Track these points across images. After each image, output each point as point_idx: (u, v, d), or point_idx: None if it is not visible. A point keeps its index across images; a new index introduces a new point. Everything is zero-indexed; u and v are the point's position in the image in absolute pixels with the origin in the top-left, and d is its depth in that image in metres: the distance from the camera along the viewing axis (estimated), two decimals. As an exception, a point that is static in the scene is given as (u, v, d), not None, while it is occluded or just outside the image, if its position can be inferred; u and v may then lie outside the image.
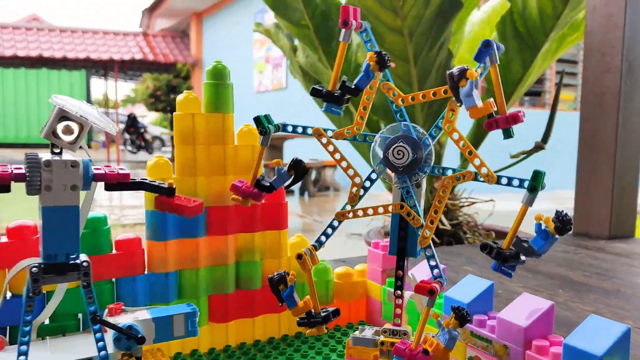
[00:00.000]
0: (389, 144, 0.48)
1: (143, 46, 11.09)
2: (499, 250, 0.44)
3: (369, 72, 0.48)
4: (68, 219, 0.44)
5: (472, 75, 0.43)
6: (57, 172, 0.42)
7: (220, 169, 0.60)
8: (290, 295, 0.49)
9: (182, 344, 0.61)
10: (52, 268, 0.44)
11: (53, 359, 0.48)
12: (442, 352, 0.45)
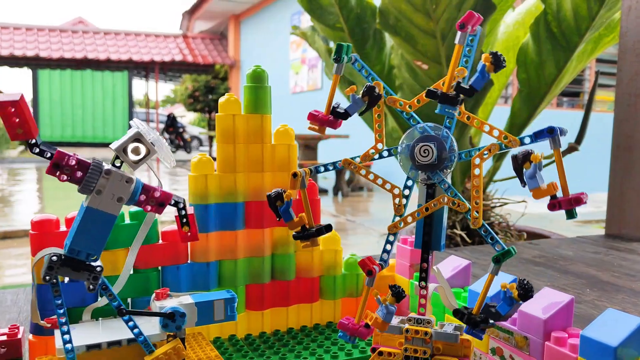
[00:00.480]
0: (412, 149, 0.51)
1: (183, 48, 11.35)
2: (469, 316, 0.48)
3: (484, 73, 0.48)
4: (104, 224, 0.48)
5: (536, 158, 0.46)
6: (112, 182, 0.47)
7: (258, 166, 0.65)
8: (286, 211, 0.51)
9: (220, 329, 0.66)
10: (69, 262, 0.48)
11: (103, 337, 0.53)
12: (381, 325, 0.50)
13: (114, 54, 10.38)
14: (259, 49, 10.09)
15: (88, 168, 0.46)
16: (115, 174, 0.47)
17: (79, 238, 0.47)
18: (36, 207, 5.22)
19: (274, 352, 0.61)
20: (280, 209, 0.51)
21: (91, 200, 0.47)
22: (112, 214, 0.48)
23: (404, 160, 0.52)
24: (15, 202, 5.45)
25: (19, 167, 8.69)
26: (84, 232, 0.47)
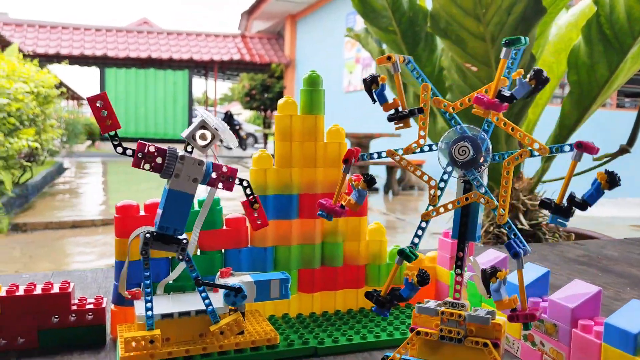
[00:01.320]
0: (451, 146, 0.56)
1: (241, 47, 11.64)
2: (377, 298, 0.57)
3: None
4: (184, 202, 0.57)
5: (501, 275, 0.53)
6: (187, 166, 0.55)
7: (312, 162, 0.71)
8: (382, 93, 0.55)
9: (275, 308, 0.73)
10: (160, 237, 0.57)
11: (175, 308, 0.61)
12: (354, 206, 0.57)
13: (175, 54, 10.79)
14: (313, 48, 10.21)
15: (165, 154, 0.54)
16: (188, 158, 0.55)
17: (166, 216, 0.56)
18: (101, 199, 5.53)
19: (322, 330, 0.68)
20: (375, 92, 0.55)
21: (171, 183, 0.55)
22: (190, 193, 0.56)
23: (442, 156, 0.57)
24: (83, 194, 5.78)
25: (86, 160, 9.19)
26: (169, 211, 0.56)
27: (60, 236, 3.60)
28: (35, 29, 10.61)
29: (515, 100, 0.54)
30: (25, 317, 0.61)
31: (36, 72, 4.86)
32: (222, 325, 0.60)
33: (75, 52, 10.24)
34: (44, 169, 6.15)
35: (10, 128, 4.12)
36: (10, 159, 4.27)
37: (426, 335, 0.59)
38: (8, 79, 4.03)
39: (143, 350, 0.57)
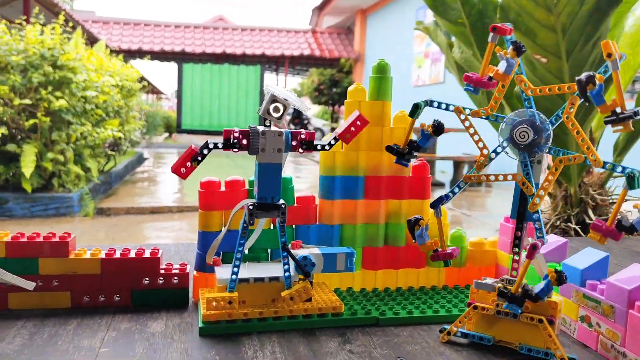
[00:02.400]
0: (515, 125, 0.59)
1: (311, 42, 11.78)
2: (397, 150, 0.64)
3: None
4: (275, 172, 0.63)
5: (423, 223, 0.62)
6: (269, 139, 0.61)
7: (378, 146, 0.76)
8: (599, 94, 0.55)
9: (340, 282, 0.78)
10: (261, 206, 0.63)
11: (251, 274, 0.68)
12: (502, 77, 0.59)
13: (248, 49, 11.09)
14: (383, 42, 10.16)
15: (248, 134, 0.61)
16: (269, 132, 0.61)
17: (262, 187, 0.63)
18: (176, 187, 5.81)
19: (384, 304, 0.72)
20: (591, 93, 0.55)
21: (259, 157, 0.62)
22: (277, 162, 0.62)
23: (504, 130, 0.60)
24: (160, 182, 6.10)
25: (163, 151, 9.64)
26: (263, 182, 0.63)
27: (140, 221, 3.84)
28: (120, 26, 11.25)
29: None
30: (120, 277, 0.70)
31: (121, 67, 5.17)
32: (292, 292, 0.66)
33: (155, 48, 10.77)
34: (126, 159, 6.53)
35: (97, 119, 4.42)
36: (97, 147, 4.58)
37: (483, 310, 0.62)
38: (97, 73, 4.32)
39: (222, 309, 0.64)
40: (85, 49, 4.51)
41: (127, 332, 0.63)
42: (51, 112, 3.85)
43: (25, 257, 0.67)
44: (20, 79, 3.71)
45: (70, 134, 4.01)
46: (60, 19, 4.19)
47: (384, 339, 0.64)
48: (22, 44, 3.85)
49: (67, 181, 4.15)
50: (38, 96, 3.78)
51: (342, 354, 0.60)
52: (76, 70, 3.98)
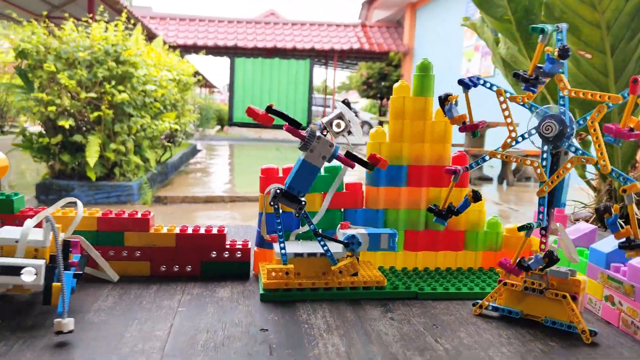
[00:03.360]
0: (544, 118, 0.65)
1: (360, 36, 11.80)
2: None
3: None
4: (312, 172, 0.72)
5: (452, 98, 0.69)
6: (321, 145, 0.70)
7: (420, 138, 0.83)
8: (614, 223, 0.58)
9: (383, 260, 0.86)
10: (287, 195, 0.72)
11: (304, 250, 0.76)
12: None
13: (299, 43, 11.23)
14: (432, 36, 10.07)
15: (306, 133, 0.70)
16: (323, 139, 0.70)
17: (295, 180, 0.71)
18: (227, 178, 6.00)
19: (423, 281, 0.80)
20: (608, 221, 0.59)
21: (307, 155, 0.71)
22: (318, 166, 0.71)
23: (534, 120, 0.66)
24: (212, 174, 6.31)
25: (215, 143, 9.93)
26: (298, 176, 0.71)
27: (195, 209, 4.02)
28: (176, 22, 11.62)
29: None
30: (192, 250, 0.81)
31: (178, 62, 5.39)
32: (340, 266, 0.75)
33: (209, 43, 11.07)
34: (181, 150, 6.78)
35: (156, 111, 4.64)
36: (155, 139, 4.81)
37: (512, 286, 0.69)
38: (155, 68, 4.53)
39: (280, 279, 0.73)
40: (145, 44, 4.73)
41: (199, 296, 0.73)
42: (114, 105, 4.08)
43: (113, 230, 0.79)
44: (87, 73, 3.95)
45: (131, 125, 4.23)
46: (123, 16, 4.42)
47: (422, 310, 0.72)
48: (88, 40, 4.09)
49: (128, 170, 4.39)
50: (102, 90, 4.01)
51: (384, 320, 0.68)
52: (137, 65, 4.19)
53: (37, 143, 4.11)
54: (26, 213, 0.78)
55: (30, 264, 0.58)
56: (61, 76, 3.84)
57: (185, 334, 0.61)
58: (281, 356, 0.57)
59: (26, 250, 0.60)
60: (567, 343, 0.63)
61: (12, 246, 0.60)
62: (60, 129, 4.07)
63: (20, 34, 3.95)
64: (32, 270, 0.57)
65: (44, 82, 4.00)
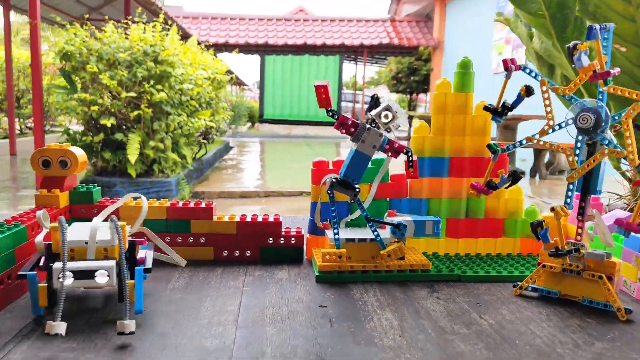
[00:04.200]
0: (582, 110, 0.70)
1: (390, 31, 11.77)
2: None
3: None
4: (364, 161, 0.78)
5: (581, 46, 0.69)
6: (372, 135, 0.76)
7: (461, 131, 0.89)
8: (545, 235, 0.73)
9: (427, 246, 0.92)
10: (341, 183, 0.78)
11: (355, 235, 0.83)
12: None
13: (328, 40, 11.29)
14: (462, 30, 9.98)
15: (357, 126, 0.76)
16: (373, 130, 0.76)
17: (349, 169, 0.78)
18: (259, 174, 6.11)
19: (465, 265, 0.86)
20: (540, 233, 0.73)
21: (358, 146, 0.77)
22: (369, 155, 0.77)
23: (572, 110, 0.71)
24: (245, 170, 6.43)
25: (247, 140, 10.09)
26: (352, 165, 0.78)
27: (231, 204, 4.13)
28: (208, 21, 11.82)
29: None
30: (251, 237, 0.88)
31: (212, 60, 5.51)
32: (388, 250, 0.81)
33: (240, 41, 11.23)
34: (215, 147, 6.93)
35: (192, 109, 4.77)
36: (191, 136, 4.95)
37: (550, 268, 0.75)
38: (192, 67, 4.66)
39: (334, 262, 0.80)
40: (180, 44, 4.85)
41: (261, 278, 0.81)
42: (153, 103, 4.22)
43: (180, 219, 0.87)
44: (127, 73, 4.10)
45: (169, 123, 4.36)
46: (161, 17, 4.55)
47: (465, 291, 0.78)
48: (127, 42, 4.24)
49: (166, 167, 4.54)
50: (142, 89, 4.15)
51: (431, 299, 0.74)
52: (174, 65, 4.32)
53: (81, 141, 4.29)
54: (103, 203, 0.86)
55: (102, 267, 0.59)
56: (103, 77, 3.99)
57: (253, 308, 0.69)
58: (341, 327, 0.63)
59: (96, 250, 0.61)
60: (603, 320, 0.68)
61: (83, 247, 0.61)
62: (102, 127, 4.23)
63: (64, 37, 4.12)
64: (105, 272, 0.59)
65: (86, 82, 4.16)
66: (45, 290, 0.59)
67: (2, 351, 0.55)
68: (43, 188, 0.81)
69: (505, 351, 0.59)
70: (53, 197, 0.80)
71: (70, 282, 0.57)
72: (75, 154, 0.83)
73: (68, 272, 0.56)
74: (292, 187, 4.62)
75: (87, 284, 0.58)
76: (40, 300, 0.59)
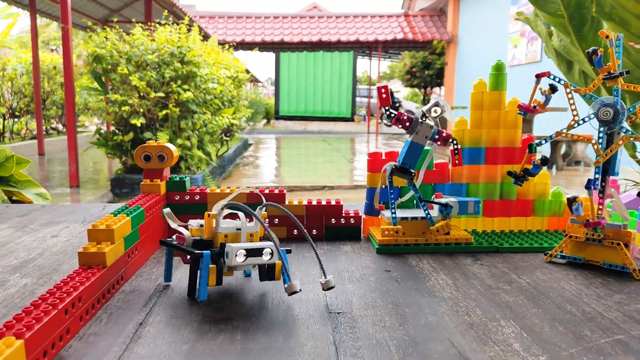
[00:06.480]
0: (603, 105, 0.84)
1: (404, 26, 11.86)
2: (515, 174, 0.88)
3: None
4: (418, 149, 0.93)
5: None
6: (424, 127, 0.91)
7: (495, 124, 1.03)
8: (578, 208, 0.86)
9: (466, 225, 1.07)
10: (399, 169, 0.93)
11: (408, 214, 0.98)
12: (542, 106, 0.82)
13: (343, 36, 11.41)
14: (476, 23, 10.04)
15: (412, 120, 0.91)
16: (425, 123, 0.91)
17: (406, 157, 0.93)
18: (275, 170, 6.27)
19: (501, 239, 1.00)
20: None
21: (413, 137, 0.92)
22: (423, 144, 0.92)
23: (592, 107, 0.85)
24: (262, 166, 6.60)
25: (263, 137, 10.27)
26: (408, 154, 0.93)
27: (257, 198, 4.29)
28: (224, 20, 12.02)
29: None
30: (317, 218, 1.03)
31: (232, 60, 5.68)
32: (437, 227, 0.96)
33: (256, 39, 11.41)
34: (235, 144, 7.10)
35: (216, 108, 4.94)
36: (214, 134, 5.12)
37: (576, 238, 0.89)
38: (216, 67, 4.82)
39: (391, 237, 0.95)
40: (203, 44, 5.02)
41: (329, 251, 0.96)
42: (180, 103, 4.40)
43: (258, 202, 1.02)
44: (155, 74, 4.28)
45: (195, 122, 4.54)
46: (186, 19, 4.72)
47: (503, 259, 0.92)
48: (154, 44, 4.42)
49: (192, 164, 4.71)
50: (169, 89, 4.33)
51: (475, 265, 0.89)
52: (200, 65, 4.49)
53: (112, 141, 4.48)
54: (193, 191, 1.02)
55: (267, 246, 0.65)
56: (133, 78, 4.17)
57: (331, 272, 0.84)
58: (406, 285, 0.78)
59: (246, 235, 0.69)
60: (621, 279, 0.82)
61: (237, 233, 0.69)
62: (132, 127, 4.41)
63: (95, 40, 4.31)
64: (269, 251, 0.66)
65: (116, 84, 4.35)
66: (214, 270, 0.66)
67: (147, 306, 0.70)
68: (146, 178, 0.97)
69: (542, 300, 0.73)
70: (155, 186, 0.96)
71: (242, 259, 0.64)
72: (171, 149, 0.98)
73: (242, 250, 0.65)
74: (314, 181, 4.78)
75: (255, 261, 0.65)
76: (210, 279, 0.65)
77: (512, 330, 0.63)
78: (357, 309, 0.69)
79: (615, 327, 0.64)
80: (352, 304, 0.71)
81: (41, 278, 0.79)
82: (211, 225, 0.68)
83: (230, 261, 0.63)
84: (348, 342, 0.59)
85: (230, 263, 0.64)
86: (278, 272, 0.71)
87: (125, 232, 0.76)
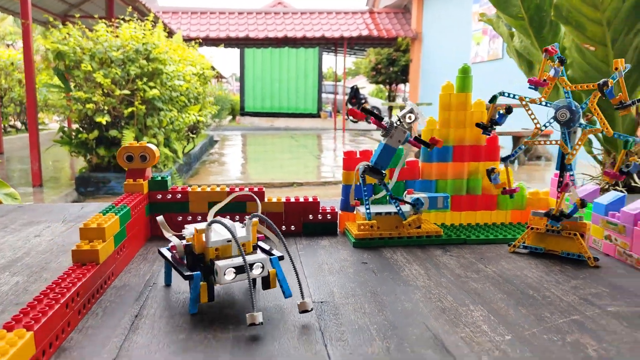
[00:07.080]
0: (558, 109, 0.91)
1: (369, 23, 11.97)
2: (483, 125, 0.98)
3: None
4: (390, 152, 0.98)
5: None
6: (397, 132, 0.96)
7: (462, 124, 1.10)
8: (495, 178, 0.94)
9: (436, 219, 1.13)
10: (372, 170, 0.98)
11: (382, 210, 1.03)
12: (552, 79, 0.90)
13: (308, 32, 11.44)
14: (440, 21, 10.23)
15: (387, 124, 0.96)
16: (399, 128, 0.96)
17: (379, 158, 0.98)
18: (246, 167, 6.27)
19: (469, 232, 1.07)
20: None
21: (387, 140, 0.97)
22: (395, 148, 0.98)
23: (550, 112, 0.92)
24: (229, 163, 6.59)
25: (229, 133, 10.21)
26: (381, 156, 0.98)
27: (226, 195, 4.30)
28: (188, 15, 11.87)
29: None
30: (295, 214, 1.08)
31: (198, 56, 5.64)
32: (409, 221, 1.02)
33: (221, 35, 11.32)
34: (200, 141, 7.06)
35: (182, 105, 4.91)
36: (181, 131, 5.09)
37: (537, 230, 0.96)
38: (181, 63, 4.79)
39: (366, 231, 1.00)
40: (168, 41, 4.98)
41: (309, 245, 1.01)
42: (146, 100, 4.35)
43: (238, 201, 1.06)
44: (120, 71, 4.22)
45: (161, 119, 4.51)
46: (151, 16, 4.67)
47: (471, 250, 0.99)
48: (119, 40, 4.36)
49: (159, 162, 4.68)
50: (135, 87, 4.28)
51: (445, 256, 0.95)
52: (166, 62, 4.46)
53: (76, 139, 4.40)
54: (175, 190, 1.05)
55: (259, 260, 0.65)
56: (97, 75, 4.11)
57: (312, 265, 0.89)
58: (383, 276, 0.84)
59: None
60: (577, 266, 0.90)
61: (227, 245, 0.66)
62: (97, 124, 4.35)
63: (57, 36, 4.22)
64: (260, 265, 0.65)
65: (80, 81, 4.28)
66: (205, 287, 0.64)
67: (140, 299, 0.74)
68: (129, 178, 0.99)
69: (507, 286, 0.80)
70: (138, 185, 0.99)
71: (232, 277, 0.63)
72: (153, 149, 1.01)
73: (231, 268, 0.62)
74: (282, 178, 4.81)
75: (244, 277, 0.63)
76: (202, 297, 0.65)
77: (481, 313, 0.69)
78: (339, 298, 0.74)
79: (572, 309, 0.71)
80: (333, 293, 0.76)
81: (31, 276, 0.81)
82: (201, 240, 0.66)
83: (220, 280, 0.62)
84: (332, 327, 0.64)
85: (220, 282, 0.63)
86: (273, 281, 0.69)
87: (115, 230, 0.79)
